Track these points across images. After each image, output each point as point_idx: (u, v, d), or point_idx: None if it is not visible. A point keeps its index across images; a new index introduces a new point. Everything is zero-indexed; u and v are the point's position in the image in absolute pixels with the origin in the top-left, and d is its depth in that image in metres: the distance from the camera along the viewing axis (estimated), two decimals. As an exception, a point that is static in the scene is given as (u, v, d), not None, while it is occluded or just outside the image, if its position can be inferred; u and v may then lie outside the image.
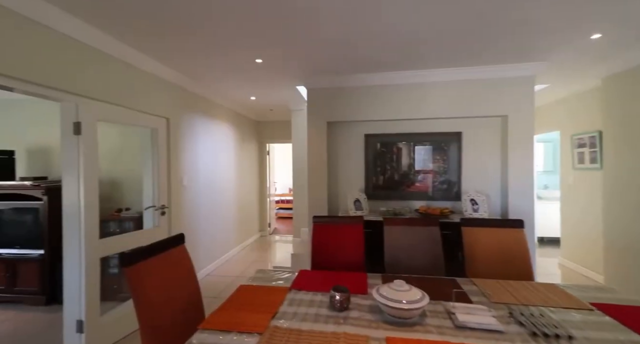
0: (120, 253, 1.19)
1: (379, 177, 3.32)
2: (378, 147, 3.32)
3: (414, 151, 3.25)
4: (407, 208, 3.09)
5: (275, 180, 6.85)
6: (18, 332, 2.39)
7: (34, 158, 3.61)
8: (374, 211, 3.23)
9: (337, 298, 1.25)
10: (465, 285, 1.51)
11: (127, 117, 2.40)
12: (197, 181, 3.50)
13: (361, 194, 3.10)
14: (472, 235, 1.88)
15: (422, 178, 3.23)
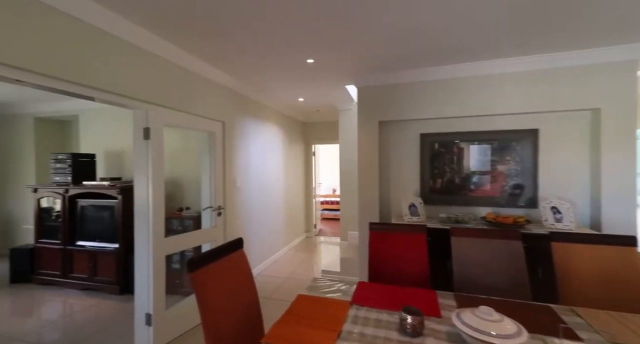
0: (188, 260, 1.20)
1: (437, 180, 3.05)
2: (436, 148, 3.05)
3: (478, 151, 2.92)
4: (471, 215, 2.78)
5: (320, 181, 6.82)
6: (99, 318, 2.66)
7: (110, 160, 4.04)
8: (431, 217, 2.97)
9: (409, 321, 1.11)
10: (566, 315, 1.24)
11: (188, 122, 2.52)
12: (249, 182, 3.59)
13: (416, 199, 2.87)
14: (565, 252, 1.57)
15: (488, 181, 2.88)
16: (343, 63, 2.69)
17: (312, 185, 5.82)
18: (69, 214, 3.40)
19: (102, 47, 1.80)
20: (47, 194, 3.50)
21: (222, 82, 3.01)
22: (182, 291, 3.00)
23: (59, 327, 2.50)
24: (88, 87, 1.74)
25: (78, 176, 3.51)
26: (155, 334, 2.14)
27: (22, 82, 1.47)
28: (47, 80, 1.54)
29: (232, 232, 3.14)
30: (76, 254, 3.32)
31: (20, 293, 3.20)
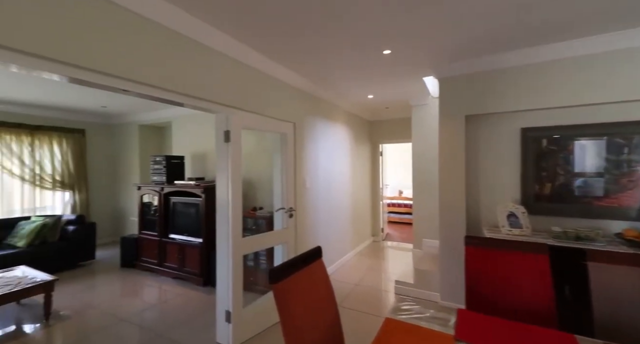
0: (269, 270, 1.12)
1: (545, 184, 2.48)
2: (543, 145, 2.49)
3: (607, 148, 2.27)
4: (599, 231, 2.16)
5: (386, 182, 6.46)
6: (186, 308, 2.90)
7: (195, 162, 4.47)
8: (539, 231, 2.43)
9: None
10: None
11: (263, 124, 2.54)
12: (317, 183, 3.52)
13: (517, 207, 2.37)
14: None
15: (624, 187, 2.21)
16: (423, 51, 2.38)
17: (379, 186, 5.52)
18: (164, 209, 3.84)
19: (190, 55, 1.90)
20: (147, 191, 4.03)
21: (294, 83, 3.00)
22: (257, 289, 3.08)
23: (156, 312, 2.80)
24: (179, 93, 1.84)
25: (171, 176, 3.94)
26: (234, 332, 2.19)
27: (127, 92, 1.62)
28: (147, 89, 1.67)
29: (302, 235, 3.11)
30: (169, 245, 3.73)
31: (127, 276, 3.74)
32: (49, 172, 4.52)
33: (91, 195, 5.08)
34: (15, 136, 4.17)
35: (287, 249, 2.76)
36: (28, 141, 4.30)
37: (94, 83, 1.46)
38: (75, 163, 4.79)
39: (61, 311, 2.82)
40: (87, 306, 2.91)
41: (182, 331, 2.46)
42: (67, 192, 4.74)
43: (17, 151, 4.19)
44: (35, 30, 1.20)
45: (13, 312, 2.79)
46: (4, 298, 2.40)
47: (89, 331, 2.47)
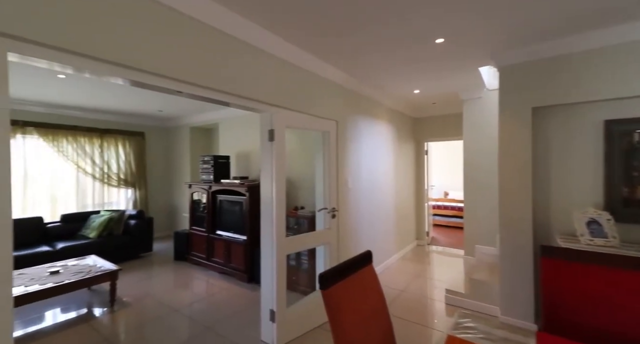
0: (319, 275, 1.05)
1: (637, 187, 2.08)
2: (635, 140, 2.08)
3: None
4: None
5: (432, 183, 6.08)
6: (231, 303, 2.99)
7: (240, 161, 4.63)
8: (629, 242, 2.04)
9: None
10: None
11: (306, 122, 2.51)
12: (359, 183, 3.40)
13: (601, 213, 2.02)
14: None
15: None
16: (481, 36, 2.14)
17: (424, 187, 5.21)
18: (211, 206, 4.03)
19: (238, 56, 1.92)
20: (197, 189, 4.27)
21: (337, 80, 2.92)
22: (299, 289, 3.07)
23: (204, 304, 2.93)
24: (226, 93, 1.87)
25: (218, 175, 4.13)
26: (279, 331, 2.18)
27: (180, 93, 1.68)
28: (198, 90, 1.72)
29: (344, 236, 3.02)
30: (216, 241, 3.90)
31: (179, 269, 4.00)
32: (115, 171, 5.03)
33: (149, 192, 5.55)
34: (87, 138, 4.71)
35: (329, 250, 2.69)
36: (98, 143, 4.83)
37: (152, 85, 1.53)
38: (136, 163, 5.27)
39: (124, 298, 3.09)
40: (145, 295, 3.15)
41: (228, 326, 2.52)
42: (129, 190, 5.24)
43: (89, 152, 4.72)
44: (105, 38, 1.28)
45: (85, 296, 3.12)
46: (79, 284, 2.69)
47: (147, 319, 2.65)
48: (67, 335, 2.38)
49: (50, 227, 4.02)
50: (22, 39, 1.08)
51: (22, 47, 1.09)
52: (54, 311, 2.80)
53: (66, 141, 4.47)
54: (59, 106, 4.32)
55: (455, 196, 7.52)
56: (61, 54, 1.19)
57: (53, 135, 4.34)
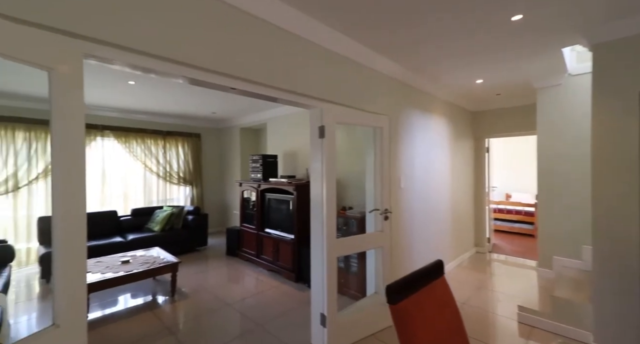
0: (386, 286, 0.91)
1: None
2: None
3: None
4: None
5: (493, 184, 5.47)
6: (280, 301, 2.98)
7: (287, 160, 4.67)
8: None
9: None
10: None
11: (357, 118, 2.37)
12: (412, 183, 3.15)
13: None
14: None
15: None
16: (571, 6, 1.77)
17: (484, 189, 4.69)
18: (260, 204, 4.11)
19: (289, 50, 1.87)
20: (247, 187, 4.40)
21: (390, 73, 2.73)
22: (349, 292, 2.94)
23: (254, 301, 2.97)
24: (277, 88, 1.83)
25: (266, 173, 4.20)
26: (329, 337, 2.08)
27: (234, 90, 1.67)
28: (250, 86, 1.70)
29: (396, 240, 2.81)
30: (265, 239, 3.97)
31: (231, 264, 4.16)
32: (175, 169, 5.45)
33: (204, 190, 5.92)
34: (153, 140, 5.17)
35: (382, 254, 2.52)
36: (161, 144, 5.28)
37: (209, 83, 1.54)
38: (193, 162, 5.66)
39: (183, 288, 3.29)
40: (201, 287, 3.31)
41: (278, 325, 2.50)
42: (187, 187, 5.64)
43: (154, 152, 5.19)
44: (168, 37, 1.31)
45: (150, 285, 3.39)
46: (144, 274, 2.92)
47: (202, 311, 2.77)
48: (133, 321, 2.58)
49: (122, 220, 4.49)
50: (96, 40, 1.13)
51: (96, 49, 1.14)
52: (123, 297, 3.09)
53: (135, 143, 4.97)
54: (130, 111, 4.80)
55: (520, 198, 6.69)
56: (131, 55, 1.24)
57: (125, 137, 4.84)
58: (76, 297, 1.06)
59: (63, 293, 1.02)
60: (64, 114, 1.04)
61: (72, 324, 1.05)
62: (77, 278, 1.07)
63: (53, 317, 1.02)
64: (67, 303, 1.04)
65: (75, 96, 1.07)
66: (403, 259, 2.95)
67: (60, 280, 1.02)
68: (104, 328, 2.48)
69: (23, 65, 0.95)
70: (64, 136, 1.05)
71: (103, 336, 2.37)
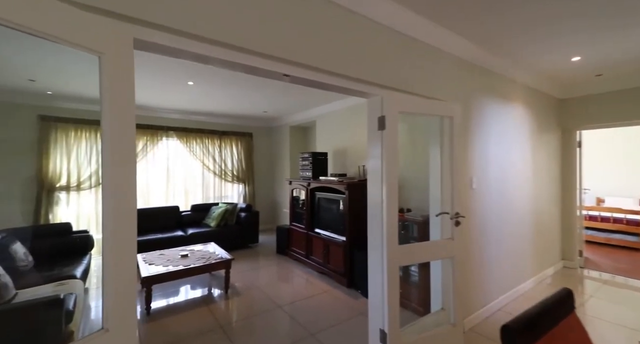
0: (502, 326, 0.63)
1: None
2: None
3: None
4: None
5: (585, 186, 4.54)
6: (333, 308, 2.80)
7: (336, 158, 4.47)
8: None
9: None
10: None
11: (422, 107, 2.04)
12: (486, 183, 2.68)
13: None
14: None
15: None
16: None
17: (575, 191, 3.88)
18: (310, 203, 3.99)
19: (342, 27, 1.65)
20: (296, 186, 4.32)
21: (462, 53, 2.34)
22: (410, 305, 2.62)
23: (305, 305, 2.83)
24: (331, 74, 1.62)
25: (316, 172, 4.06)
26: (389, 358, 1.81)
27: (287, 77, 1.51)
28: (303, 72, 1.52)
29: (468, 249, 2.40)
30: (314, 239, 3.82)
31: (281, 263, 4.11)
32: (230, 168, 5.66)
33: (256, 188, 6.05)
34: (210, 139, 5.43)
35: (452, 266, 2.15)
36: (217, 143, 5.52)
37: (262, 69, 1.40)
38: (245, 161, 5.82)
39: (236, 283, 3.32)
40: (253, 285, 3.29)
41: (331, 336, 2.31)
42: (240, 185, 5.82)
43: (211, 151, 5.44)
44: (219, 19, 1.19)
45: (206, 280, 3.49)
46: (200, 269, 2.99)
47: (254, 311, 2.71)
48: (189, 316, 2.63)
49: (183, 215, 4.78)
50: (147, 24, 1.05)
51: (146, 33, 1.06)
52: (182, 289, 3.22)
53: (195, 142, 5.26)
54: (190, 112, 5.10)
55: (616, 203, 5.47)
56: (184, 40, 1.14)
57: (186, 137, 5.16)
58: (126, 301, 0.99)
59: (113, 297, 0.96)
60: (114, 100, 0.98)
61: (122, 328, 0.98)
62: (127, 283, 1.00)
63: (102, 321, 0.95)
64: (117, 307, 0.97)
65: (125, 82, 1.00)
66: (474, 272, 2.52)
67: (109, 284, 0.96)
68: (164, 319, 2.57)
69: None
70: (114, 125, 0.98)
71: (162, 327, 2.45)
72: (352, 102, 4.08)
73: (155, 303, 2.84)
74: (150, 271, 2.77)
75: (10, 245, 2.47)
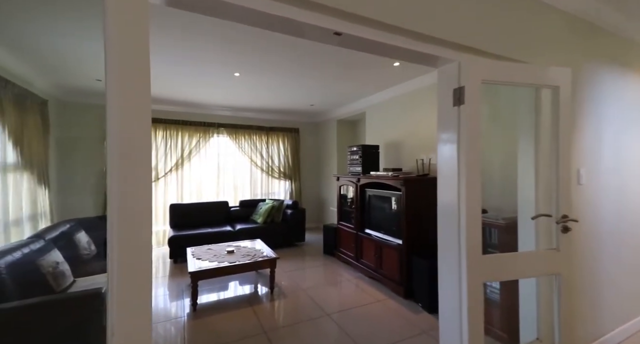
0: None
1: None
2: None
3: None
4: None
5: None
6: (390, 323, 2.41)
7: (388, 151, 4.03)
8: None
9: None
10: None
11: (515, 74, 1.55)
12: (600, 178, 2.03)
13: None
14: None
15: None
16: None
17: None
18: (360, 201, 3.63)
19: (414, -28, 1.27)
20: (344, 182, 3.99)
21: (576, 7, 1.76)
22: (490, 330, 2.11)
23: (357, 315, 2.49)
24: (392, 29, 1.26)
25: (367, 166, 3.69)
26: (471, 403, 1.38)
27: (339, 35, 1.19)
28: (360, 30, 1.19)
29: (577, 263, 1.81)
30: (365, 241, 3.46)
31: (329, 265, 3.83)
32: (276, 164, 5.58)
33: (302, 185, 5.89)
34: (258, 136, 5.41)
35: (557, 285, 1.61)
36: (265, 139, 5.47)
37: (305, 25, 1.10)
38: (292, 157, 5.69)
39: (282, 283, 3.14)
40: (299, 288, 3.06)
41: (387, 357, 1.94)
42: (287, 182, 5.71)
43: (259, 148, 5.42)
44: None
45: (252, 277, 3.38)
46: (244, 267, 2.87)
47: (300, 317, 2.47)
48: (233, 316, 2.50)
49: (232, 211, 4.80)
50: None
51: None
52: (228, 285, 3.14)
53: (243, 138, 5.29)
54: (239, 109, 5.12)
55: None
56: None
57: (235, 134, 5.21)
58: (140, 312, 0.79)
59: (123, 306, 0.75)
60: (123, 52, 0.77)
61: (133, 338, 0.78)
62: (142, 291, 0.79)
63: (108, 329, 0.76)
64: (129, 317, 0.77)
65: (138, 38, 0.79)
66: (584, 293, 1.91)
67: (117, 291, 0.75)
68: (208, 317, 2.48)
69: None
70: (126, 96, 0.77)
71: (206, 326, 2.34)
72: (408, 88, 3.61)
73: (200, 299, 2.79)
74: (198, 265, 2.72)
75: (75, 234, 2.61)
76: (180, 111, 4.82)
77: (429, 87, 3.33)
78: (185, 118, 4.81)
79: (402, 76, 3.39)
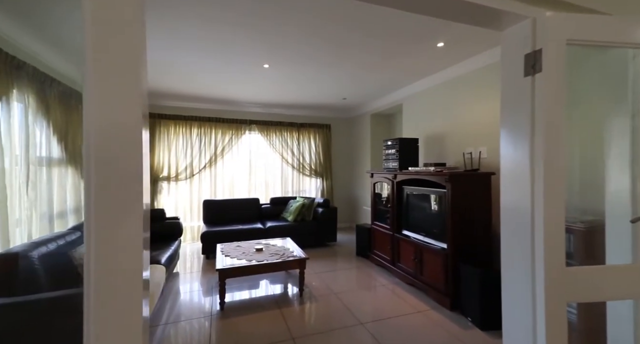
0: None
1: None
2: None
3: None
4: None
5: None
6: (433, 337, 2.10)
7: (429, 145, 3.66)
8: None
9: None
10: None
11: (613, 31, 1.18)
12: None
13: None
14: None
15: None
16: None
17: None
18: (396, 200, 3.33)
19: None
20: (379, 179, 3.70)
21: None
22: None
23: (395, 327, 2.22)
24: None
25: (404, 162, 3.37)
26: None
27: (379, -14, 0.96)
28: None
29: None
30: (402, 243, 3.15)
31: (362, 268, 3.57)
32: (307, 161, 5.44)
33: (334, 182, 5.68)
34: (289, 132, 5.31)
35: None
36: (295, 136, 5.36)
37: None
38: (323, 154, 5.51)
39: (312, 284, 2.97)
40: (330, 291, 2.86)
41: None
42: (318, 179, 5.54)
43: (290, 145, 5.32)
44: None
45: (282, 277, 3.24)
46: (272, 267, 2.74)
47: (332, 325, 2.26)
48: (260, 318, 2.36)
49: (263, 208, 4.74)
50: None
51: None
52: (256, 285, 3.03)
53: (274, 135, 5.22)
54: (270, 105, 5.06)
55: None
56: None
57: (267, 130, 5.16)
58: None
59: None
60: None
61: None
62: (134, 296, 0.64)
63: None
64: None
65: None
66: None
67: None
68: (235, 317, 2.37)
69: None
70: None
71: (233, 326, 2.23)
72: (453, 74, 3.22)
73: (229, 296, 2.71)
74: (226, 263, 2.64)
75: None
76: (213, 108, 4.88)
77: (478, 70, 2.93)
78: (218, 115, 4.85)
79: (445, 60, 3.03)
